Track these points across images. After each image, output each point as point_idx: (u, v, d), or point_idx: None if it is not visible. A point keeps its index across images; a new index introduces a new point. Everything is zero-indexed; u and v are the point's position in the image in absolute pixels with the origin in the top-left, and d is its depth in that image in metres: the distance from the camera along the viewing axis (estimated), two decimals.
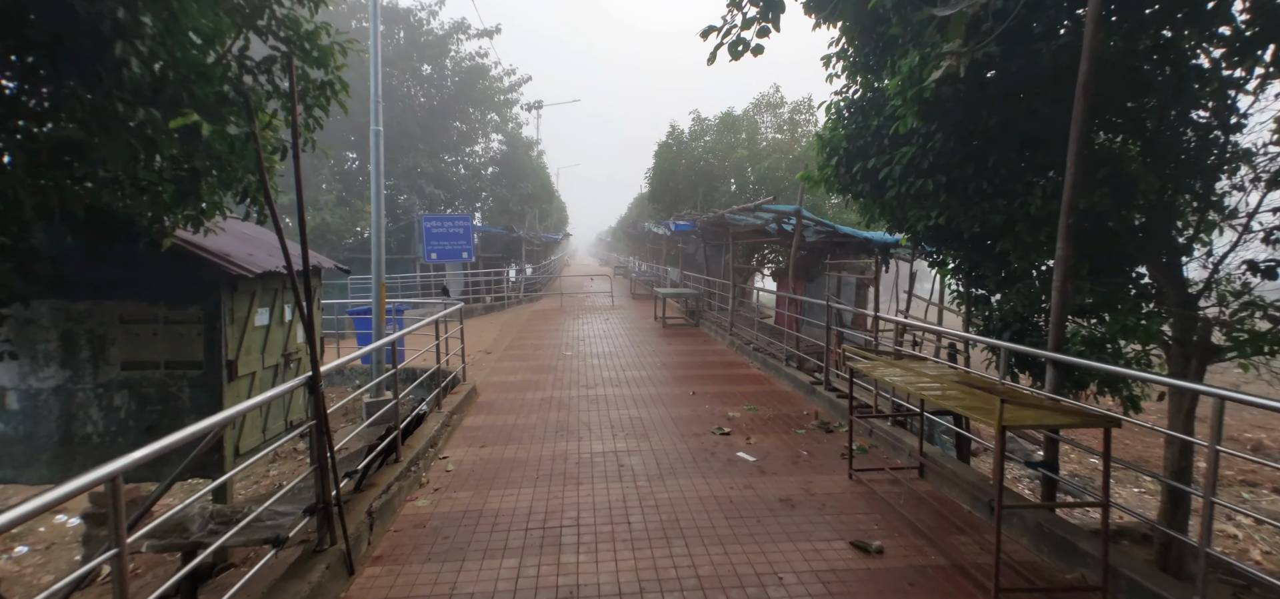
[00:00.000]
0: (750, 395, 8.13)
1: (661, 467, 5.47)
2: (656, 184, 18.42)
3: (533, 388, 8.66)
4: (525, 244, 24.47)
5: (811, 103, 17.32)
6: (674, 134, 18.21)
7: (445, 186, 23.16)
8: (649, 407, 7.57)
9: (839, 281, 11.99)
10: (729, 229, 12.03)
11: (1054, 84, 4.18)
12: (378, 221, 8.56)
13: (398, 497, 4.78)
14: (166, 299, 5.16)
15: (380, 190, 8.50)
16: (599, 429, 6.62)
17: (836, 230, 9.35)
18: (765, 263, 18.27)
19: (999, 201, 4.65)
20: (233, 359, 5.34)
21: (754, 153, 16.73)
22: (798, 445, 6.09)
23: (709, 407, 7.57)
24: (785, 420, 6.97)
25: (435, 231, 19.03)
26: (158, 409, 5.20)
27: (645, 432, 6.52)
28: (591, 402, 7.83)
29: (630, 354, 11.32)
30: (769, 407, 7.59)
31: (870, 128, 5.29)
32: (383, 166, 8.55)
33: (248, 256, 5.56)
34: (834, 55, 6.20)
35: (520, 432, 6.58)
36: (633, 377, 9.33)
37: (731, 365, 10.32)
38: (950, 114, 4.47)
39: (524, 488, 5.04)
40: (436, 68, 23.37)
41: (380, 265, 8.59)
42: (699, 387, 8.65)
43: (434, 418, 6.56)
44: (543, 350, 11.87)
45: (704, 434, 6.43)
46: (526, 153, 28.70)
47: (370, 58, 8.28)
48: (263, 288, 5.80)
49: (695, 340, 13.04)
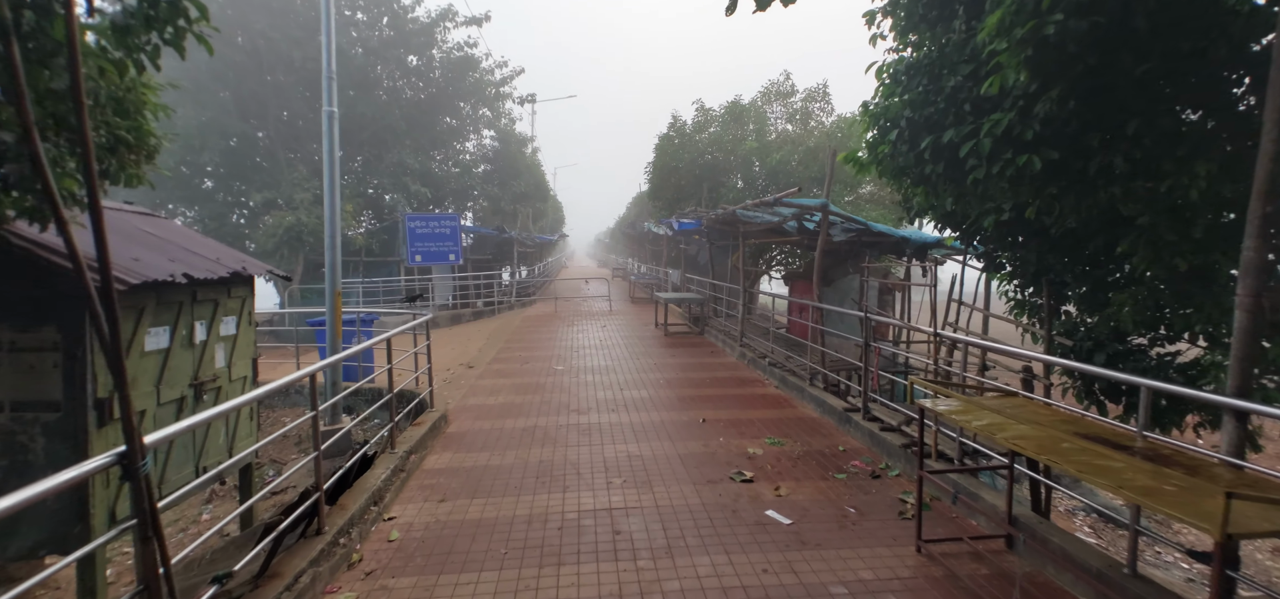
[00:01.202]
0: (771, 424, 6.86)
1: (670, 534, 4.19)
2: (657, 180, 17.14)
3: (515, 413, 7.38)
4: (517, 246, 23.18)
5: (826, 90, 16.02)
6: (676, 125, 16.93)
7: (433, 184, 21.86)
8: (651, 439, 6.29)
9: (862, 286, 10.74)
10: (740, 227, 10.77)
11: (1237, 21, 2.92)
12: (332, 218, 7.29)
13: (312, 591, 3.50)
14: (10, 318, 3.89)
15: (335, 182, 7.23)
16: (590, 474, 5.35)
17: (868, 228, 8.10)
18: (773, 265, 17.01)
19: (1137, 184, 3.39)
20: (107, 397, 4.07)
21: (763, 145, 15.43)
22: (841, 498, 4.82)
23: (723, 439, 6.30)
24: (819, 460, 5.70)
25: (420, 232, 17.76)
26: None
27: (648, 477, 5.25)
28: (583, 433, 6.55)
29: (629, 368, 10.04)
30: (795, 438, 6.32)
31: (943, 91, 4.02)
32: (337, 154, 7.28)
33: (133, 261, 4.29)
34: (881, 9, 4.94)
35: (492, 478, 5.30)
36: (632, 398, 8.06)
37: (744, 382, 9.05)
38: (1073, 63, 3.21)
39: (487, 570, 3.77)
40: (423, 59, 22.09)
41: (335, 269, 7.32)
42: (710, 411, 7.38)
43: (385, 460, 5.28)
44: (531, 364, 10.58)
45: (721, 481, 5.16)
46: (520, 149, 27.41)
47: (322, 24, 7.00)
48: (158, 301, 4.52)
49: (701, 351, 11.77)
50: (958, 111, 3.93)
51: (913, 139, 4.22)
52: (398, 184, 20.11)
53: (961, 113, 3.92)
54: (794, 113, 16.46)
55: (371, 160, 21.60)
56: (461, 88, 23.09)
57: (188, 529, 6.67)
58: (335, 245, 7.31)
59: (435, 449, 6.10)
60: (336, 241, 7.33)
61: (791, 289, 13.34)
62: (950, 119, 3.94)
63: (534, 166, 30.23)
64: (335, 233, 7.32)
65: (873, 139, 4.72)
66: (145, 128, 3.77)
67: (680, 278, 21.02)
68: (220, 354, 5.36)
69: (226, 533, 6.08)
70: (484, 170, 25.52)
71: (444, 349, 12.81)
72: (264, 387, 3.88)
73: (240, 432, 5.71)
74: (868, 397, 6.34)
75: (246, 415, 5.81)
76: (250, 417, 5.89)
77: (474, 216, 26.85)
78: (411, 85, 22.68)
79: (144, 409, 4.41)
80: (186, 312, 4.86)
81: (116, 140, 3.56)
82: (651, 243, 28.80)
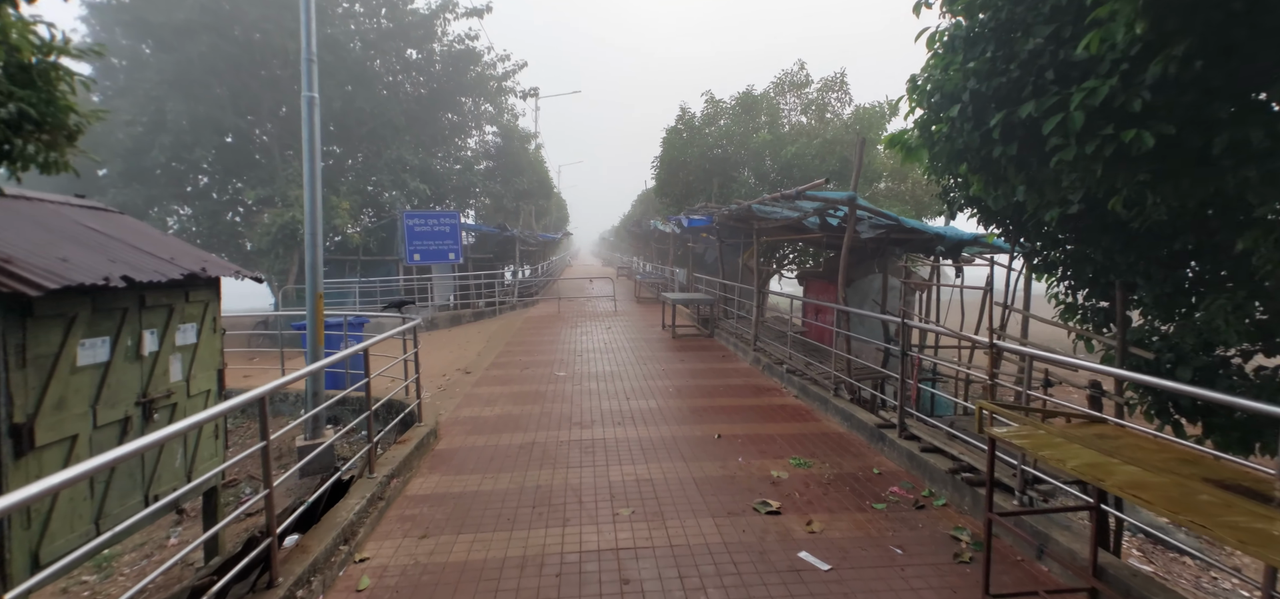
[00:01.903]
0: (794, 440, 6.20)
1: (688, 584, 3.55)
2: (665, 175, 16.44)
3: (512, 427, 6.75)
4: (520, 244, 22.56)
5: (844, 79, 15.23)
6: (684, 118, 16.21)
7: (434, 182, 21.27)
8: (662, 458, 5.65)
9: (887, 285, 10.05)
10: (755, 223, 10.09)
11: None
12: (313, 214, 6.67)
13: None
14: None
15: (315, 174, 6.60)
16: (594, 503, 4.70)
17: (900, 223, 7.41)
18: (785, 264, 16.30)
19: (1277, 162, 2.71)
20: (26, 421, 3.46)
21: (777, 138, 14.69)
22: (883, 534, 4.16)
23: (743, 459, 5.64)
24: (852, 485, 5.04)
25: (418, 230, 17.18)
26: None
27: (659, 507, 4.60)
28: (586, 450, 5.91)
29: (635, 374, 9.40)
30: (823, 458, 5.67)
31: (1017, 57, 3.35)
32: (319, 143, 6.65)
33: (59, 262, 3.67)
34: None
35: (483, 507, 4.66)
36: (639, 409, 7.41)
37: (761, 391, 8.39)
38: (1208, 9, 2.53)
39: None
40: (423, 53, 21.50)
41: (317, 269, 6.70)
42: (725, 425, 6.73)
43: (361, 487, 4.65)
44: (532, 370, 9.95)
45: (744, 512, 4.51)
46: (522, 145, 26.79)
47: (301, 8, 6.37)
48: (94, 308, 3.91)
49: (712, 355, 11.11)
50: (1037, 81, 3.25)
51: (978, 116, 3.55)
52: (397, 181, 19.51)
53: (1042, 82, 3.24)
54: (809, 104, 15.71)
55: (371, 156, 21.02)
56: (463, 83, 22.49)
57: (152, 556, 6.08)
58: (317, 243, 6.69)
59: (421, 471, 5.47)
60: (318, 239, 6.71)
61: (806, 289, 12.65)
62: (1028, 90, 3.27)
63: (537, 163, 29.62)
64: (317, 230, 6.70)
65: (922, 119, 4.05)
66: (62, 103, 3.15)
67: (687, 277, 20.37)
68: (176, 366, 4.75)
69: (192, 561, 5.49)
70: (486, 167, 24.91)
71: (441, 353, 12.21)
72: (216, 408, 3.25)
73: (203, 452, 5.10)
74: (904, 411, 5.67)
75: (210, 434, 5.20)
76: (215, 435, 5.28)
77: (476, 214, 26.27)
78: (412, 80, 22.10)
79: (76, 433, 3.80)
80: (132, 320, 4.24)
81: (21, 117, 2.94)
82: (658, 241, 28.14)
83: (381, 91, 20.51)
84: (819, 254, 14.99)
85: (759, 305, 10.61)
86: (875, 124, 14.12)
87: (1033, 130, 3.33)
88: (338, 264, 19.11)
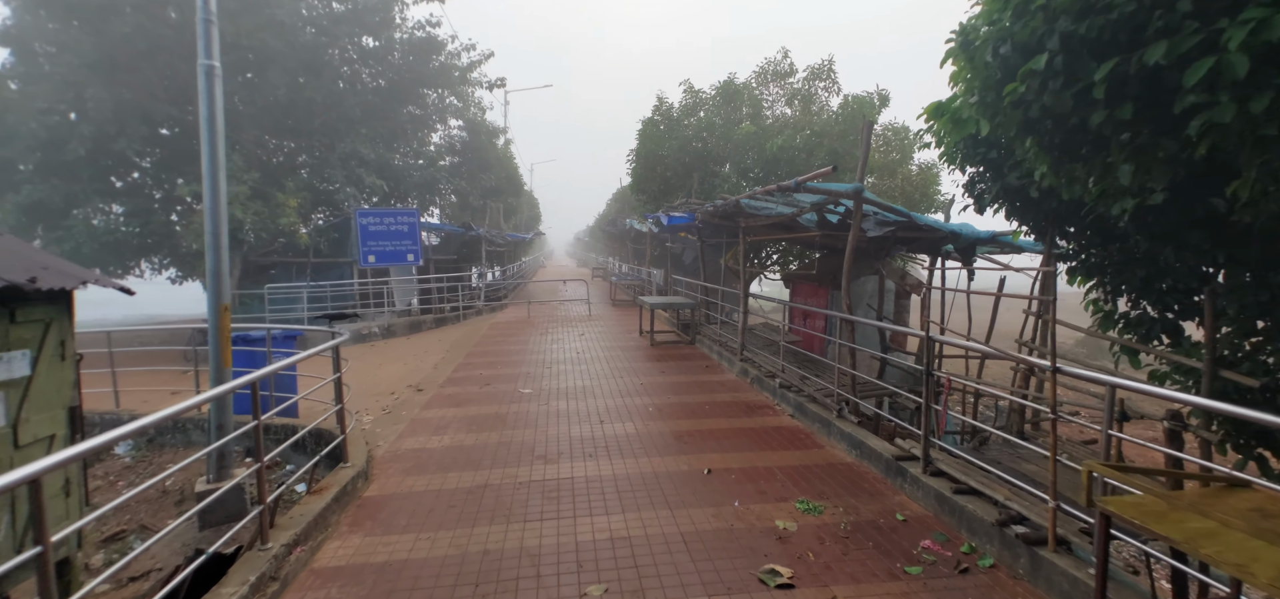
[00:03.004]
0: (797, 474, 5.26)
1: None
2: (641, 170, 15.43)
3: (461, 463, 5.67)
4: (486, 244, 21.31)
5: (831, 67, 14.40)
6: (661, 109, 15.21)
7: (393, 178, 19.87)
8: (643, 505, 4.64)
9: (880, 289, 9.22)
10: (743, 221, 9.16)
11: None
12: (215, 208, 5.49)
13: None
14: None
15: (218, 160, 5.41)
16: (557, 577, 3.67)
17: (911, 219, 6.55)
18: (769, 264, 15.45)
19: None
20: None
21: (762, 130, 13.81)
22: None
23: (739, 502, 4.67)
24: (876, 537, 4.11)
25: (373, 230, 15.88)
26: None
27: (639, 582, 3.59)
28: (549, 495, 4.87)
29: (611, 391, 8.37)
30: (835, 498, 4.73)
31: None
32: (221, 123, 5.46)
33: None
34: None
35: (409, 590, 3.58)
36: (615, 436, 6.39)
37: (752, 410, 7.44)
38: None
39: None
40: (382, 40, 20.08)
41: (221, 276, 5.51)
42: (716, 454, 5.76)
43: (247, 564, 3.53)
44: (493, 386, 8.84)
45: (749, 588, 3.53)
46: (490, 140, 25.44)
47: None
48: None
49: (694, 366, 10.14)
50: (1167, 15, 2.34)
51: (1070, 70, 2.62)
52: (351, 177, 18.09)
53: (1173, 18, 2.33)
54: (794, 94, 14.87)
55: (323, 152, 19.52)
56: (425, 74, 21.11)
57: None
58: (220, 245, 5.51)
59: (339, 530, 4.35)
60: (222, 240, 5.52)
61: (793, 293, 11.79)
62: (1155, 28, 2.35)
63: (506, 159, 28.33)
64: (220, 228, 5.52)
65: (979, 80, 3.11)
66: None
67: (664, 279, 19.39)
68: (66, 385, 3.57)
69: None
70: (451, 163, 23.55)
71: (393, 366, 10.99)
72: (41, 463, 2.14)
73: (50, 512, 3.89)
74: (929, 442, 4.77)
75: (57, 490, 4.01)
76: (65, 492, 4.09)
77: (441, 213, 24.89)
78: (370, 70, 20.64)
79: None
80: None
81: None
82: (634, 241, 27.14)
83: (338, 83, 19.04)
84: (804, 254, 14.17)
85: (745, 311, 9.68)
86: (865, 115, 13.36)
87: (1153, 85, 2.41)
88: (285, 267, 17.64)
